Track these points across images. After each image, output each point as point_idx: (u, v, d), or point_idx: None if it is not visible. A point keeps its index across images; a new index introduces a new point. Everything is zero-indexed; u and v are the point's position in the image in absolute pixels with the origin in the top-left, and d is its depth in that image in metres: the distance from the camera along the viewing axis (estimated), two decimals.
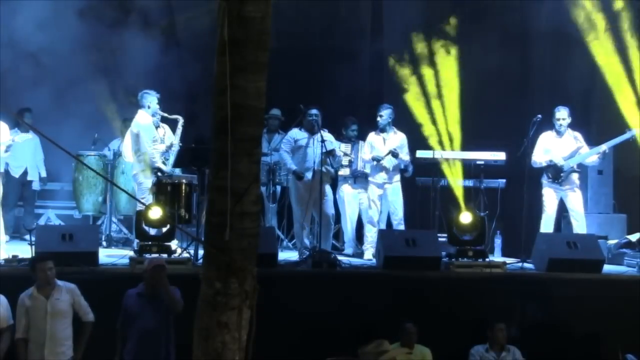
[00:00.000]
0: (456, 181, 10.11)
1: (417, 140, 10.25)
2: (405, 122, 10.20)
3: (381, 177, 9.91)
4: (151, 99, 9.12)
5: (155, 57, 10.38)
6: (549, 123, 9.86)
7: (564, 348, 8.23)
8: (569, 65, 11.10)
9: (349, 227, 10.32)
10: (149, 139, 9.10)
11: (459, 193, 9.91)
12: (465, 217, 8.96)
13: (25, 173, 10.50)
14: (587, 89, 11.08)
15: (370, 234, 9.86)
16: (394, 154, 9.84)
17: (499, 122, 10.92)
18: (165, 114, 9.14)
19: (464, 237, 9.00)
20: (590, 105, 11.13)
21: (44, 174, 10.71)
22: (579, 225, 9.67)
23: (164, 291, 6.86)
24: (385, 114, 9.93)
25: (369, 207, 9.97)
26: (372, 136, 10.03)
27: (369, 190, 9.99)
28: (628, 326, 8.20)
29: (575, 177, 9.72)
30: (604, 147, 9.65)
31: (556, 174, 9.68)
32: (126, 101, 9.99)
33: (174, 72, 10.95)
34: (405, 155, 9.98)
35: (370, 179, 9.99)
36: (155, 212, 8.29)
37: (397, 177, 9.98)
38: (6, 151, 8.93)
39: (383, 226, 9.98)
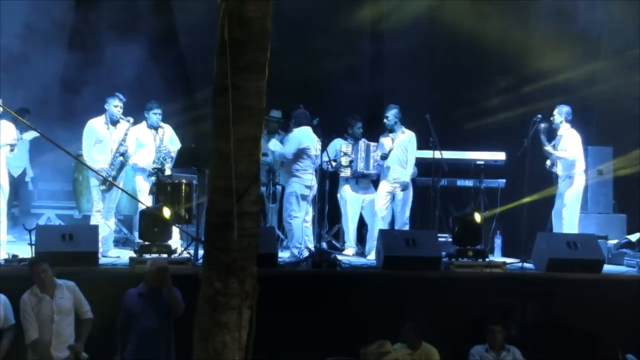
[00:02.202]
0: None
1: (417, 140, 10.25)
2: (405, 121, 10.19)
3: (392, 177, 9.93)
4: (110, 102, 9.11)
5: (155, 57, 10.41)
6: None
7: (564, 348, 8.22)
8: (569, 64, 11.11)
9: (349, 227, 10.32)
10: (90, 142, 9.07)
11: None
12: (478, 217, 8.97)
13: (24, 173, 10.50)
14: (587, 88, 11.08)
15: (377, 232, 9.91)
16: (383, 156, 9.90)
17: (499, 122, 10.92)
18: (121, 117, 9.09)
19: (469, 236, 8.99)
20: (590, 105, 11.13)
21: (31, 174, 10.72)
22: (564, 225, 9.73)
23: (169, 294, 6.85)
24: (390, 115, 9.96)
25: (376, 202, 9.98)
26: (381, 138, 10.11)
27: (381, 188, 10.00)
28: (628, 326, 8.20)
29: (561, 172, 9.76)
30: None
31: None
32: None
33: (174, 73, 10.99)
34: (411, 158, 9.98)
35: (384, 178, 10.01)
36: (167, 212, 8.27)
37: (407, 177, 9.98)
38: (11, 150, 8.92)
39: (386, 224, 9.97)
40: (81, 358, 6.88)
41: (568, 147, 9.72)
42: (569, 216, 9.73)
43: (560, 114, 9.77)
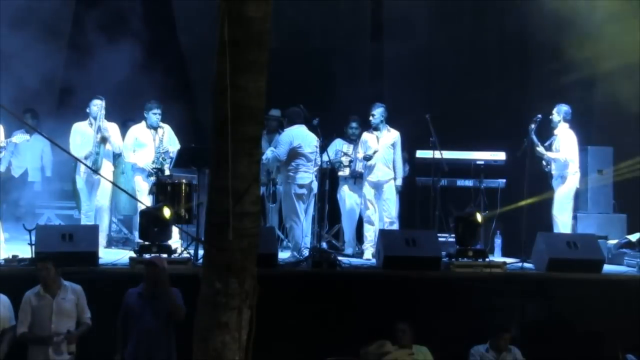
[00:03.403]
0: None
1: (417, 140, 10.25)
2: (405, 121, 10.20)
3: (376, 176, 9.89)
4: (90, 104, 9.32)
5: (154, 56, 10.41)
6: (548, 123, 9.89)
7: (564, 348, 8.22)
8: (570, 64, 11.12)
9: (348, 227, 10.31)
10: (75, 142, 9.26)
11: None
12: (479, 217, 8.98)
13: (25, 174, 10.49)
14: (587, 88, 11.08)
15: (369, 234, 9.85)
16: (367, 157, 9.84)
17: (499, 122, 10.93)
18: (102, 120, 9.26)
19: (472, 236, 8.99)
20: (590, 105, 11.14)
21: (48, 173, 10.71)
22: (558, 225, 9.72)
23: (169, 301, 6.82)
24: (377, 113, 9.90)
25: (366, 206, 9.94)
26: (365, 135, 10.02)
27: (364, 189, 9.95)
28: (628, 326, 8.20)
29: (554, 172, 9.77)
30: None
31: None
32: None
33: (173, 73, 10.98)
34: (398, 158, 9.95)
35: (366, 178, 9.95)
36: (167, 211, 8.27)
37: (391, 176, 9.95)
38: None
39: (382, 225, 9.97)
40: (70, 350, 6.80)
41: (562, 147, 9.71)
42: (561, 216, 9.73)
43: (559, 113, 9.77)
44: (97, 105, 9.29)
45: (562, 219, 9.72)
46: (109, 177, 9.40)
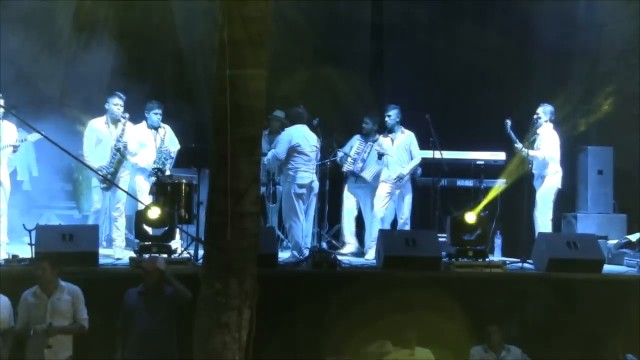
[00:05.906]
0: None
1: (417, 140, 10.25)
2: (405, 121, 10.20)
3: (392, 177, 9.90)
4: (110, 100, 9.12)
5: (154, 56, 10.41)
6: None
7: (564, 348, 8.22)
8: (570, 65, 11.13)
9: (346, 224, 10.31)
10: (91, 142, 9.11)
11: None
12: (470, 217, 8.95)
13: (14, 173, 10.46)
14: (587, 89, 11.08)
15: (375, 232, 9.89)
16: (380, 154, 9.88)
17: (499, 122, 10.92)
18: (119, 114, 9.06)
19: (465, 237, 8.97)
20: (590, 105, 11.13)
21: (35, 173, 10.64)
22: (538, 225, 9.70)
23: (173, 291, 6.81)
24: (393, 114, 9.96)
25: (373, 204, 9.96)
26: (380, 138, 10.06)
27: (379, 187, 9.96)
28: (628, 326, 8.20)
29: (534, 171, 9.75)
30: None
31: None
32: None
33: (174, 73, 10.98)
34: (416, 157, 10.00)
35: (381, 179, 9.97)
36: (154, 212, 8.26)
37: (407, 177, 9.99)
38: (14, 151, 8.95)
39: (387, 225, 9.96)
40: (47, 344, 6.65)
41: (542, 146, 9.70)
42: (541, 216, 9.72)
43: (545, 113, 9.77)
44: (118, 106, 9.04)
45: (543, 219, 9.70)
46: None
